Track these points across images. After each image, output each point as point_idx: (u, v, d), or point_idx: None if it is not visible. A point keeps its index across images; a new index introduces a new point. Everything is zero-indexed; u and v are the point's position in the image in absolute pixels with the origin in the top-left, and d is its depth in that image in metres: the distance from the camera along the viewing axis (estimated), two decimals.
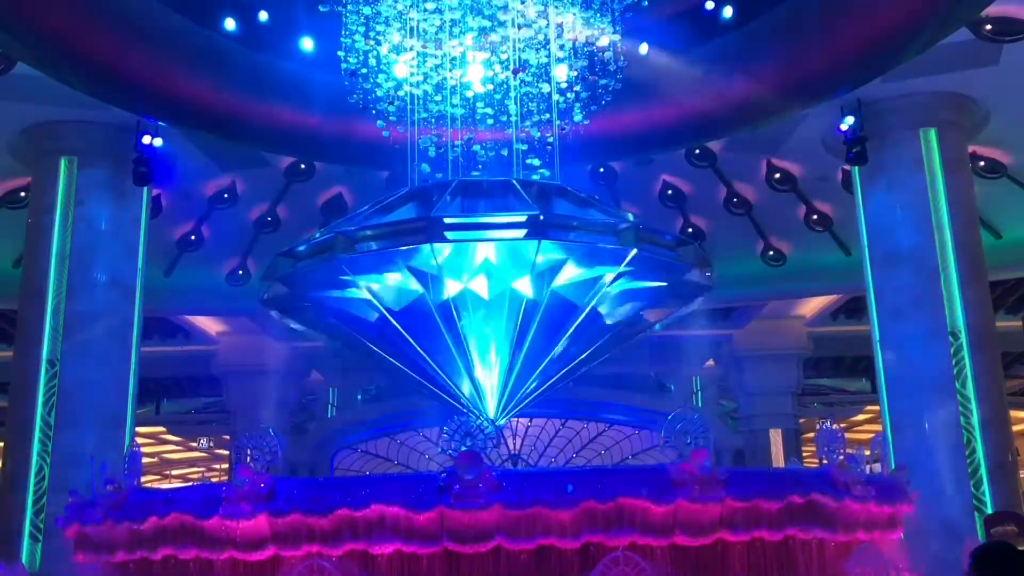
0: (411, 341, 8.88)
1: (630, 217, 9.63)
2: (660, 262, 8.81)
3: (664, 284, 9.28)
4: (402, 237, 8.32)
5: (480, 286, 8.79)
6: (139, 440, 14.78)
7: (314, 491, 6.14)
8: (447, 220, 8.19)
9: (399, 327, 8.80)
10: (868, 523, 6.75)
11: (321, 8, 9.64)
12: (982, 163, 14.92)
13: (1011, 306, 20.77)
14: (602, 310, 9.10)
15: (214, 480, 26.90)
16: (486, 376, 9.07)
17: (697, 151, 15.27)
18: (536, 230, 8.05)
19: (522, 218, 8.16)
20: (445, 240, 8.12)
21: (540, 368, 9.18)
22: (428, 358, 9.18)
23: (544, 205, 8.62)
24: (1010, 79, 12.75)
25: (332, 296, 9.12)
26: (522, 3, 9.28)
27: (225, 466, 26.23)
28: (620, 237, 8.38)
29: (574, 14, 9.34)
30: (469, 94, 9.64)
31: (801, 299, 21.04)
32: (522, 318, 8.88)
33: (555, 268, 8.58)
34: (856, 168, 13.75)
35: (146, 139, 13.16)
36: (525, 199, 8.60)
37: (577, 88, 9.57)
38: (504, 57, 9.47)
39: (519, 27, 9.36)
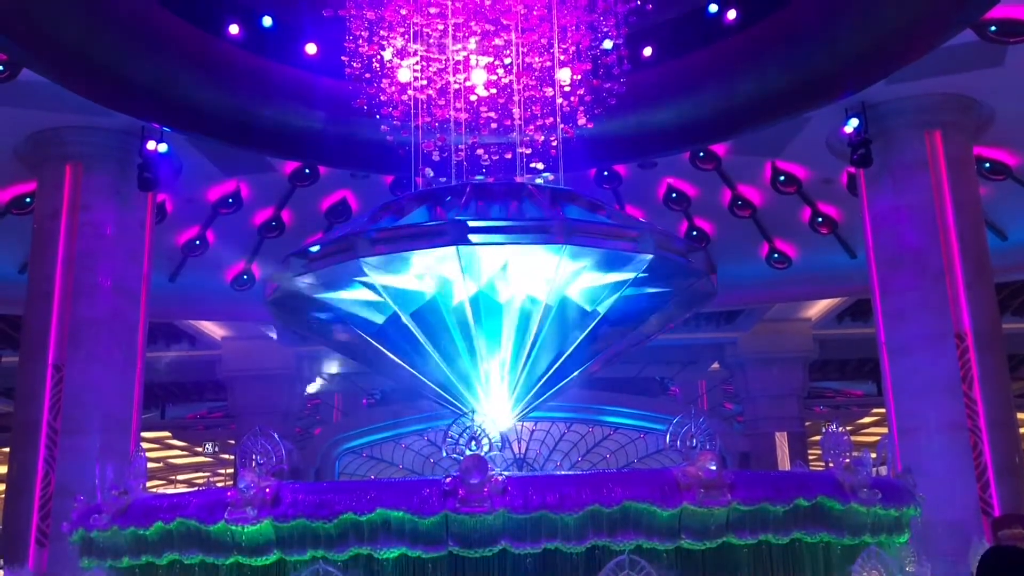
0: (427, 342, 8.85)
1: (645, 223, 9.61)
2: (670, 268, 8.80)
3: (668, 290, 9.26)
4: (426, 240, 8.27)
5: (487, 290, 8.79)
6: (144, 445, 14.77)
7: (319, 495, 6.13)
8: (471, 223, 8.14)
9: (415, 329, 8.76)
10: (875, 526, 6.73)
11: (325, 13, 9.65)
12: (987, 164, 14.89)
13: (1017, 308, 20.71)
14: (600, 309, 9.08)
15: (219, 485, 26.92)
16: (491, 380, 9.06)
17: (701, 154, 15.27)
18: (563, 235, 8.03)
19: (549, 223, 8.15)
20: (469, 243, 8.08)
21: (547, 371, 9.17)
22: (434, 360, 9.18)
23: (557, 210, 8.60)
24: (1014, 80, 12.72)
25: (336, 299, 9.10)
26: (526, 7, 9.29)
27: (230, 471, 26.24)
28: (639, 243, 8.38)
29: (578, 17, 9.34)
30: (473, 98, 9.64)
31: (806, 302, 21.00)
32: (528, 322, 8.87)
33: (574, 273, 8.57)
34: (861, 170, 13.73)
35: (151, 144, 13.19)
36: (540, 204, 8.59)
37: (581, 92, 9.56)
38: (508, 58, 9.47)
39: (523, 31, 9.37)
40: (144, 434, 17.17)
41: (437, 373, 9.22)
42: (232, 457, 24.45)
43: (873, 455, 7.11)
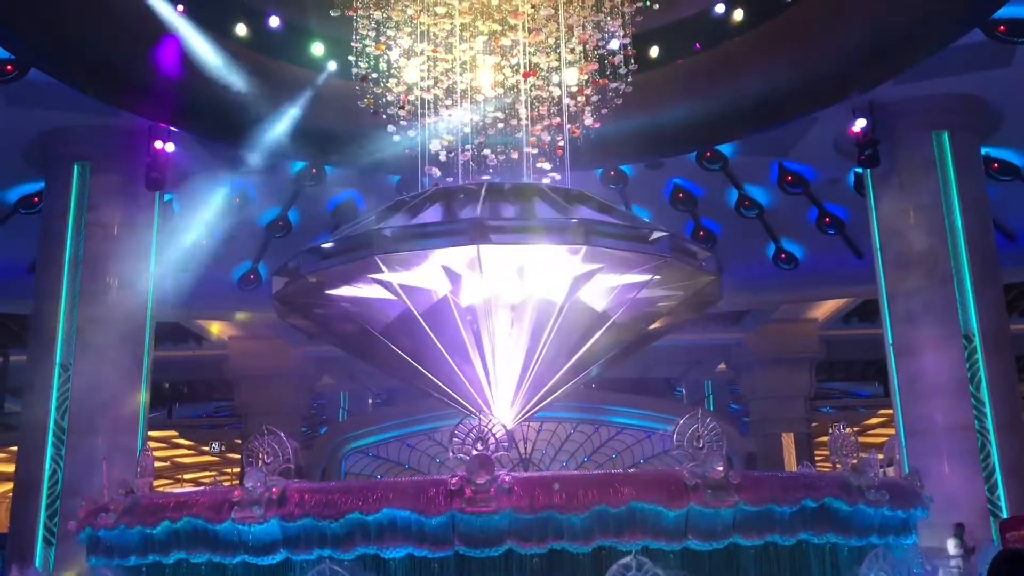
0: (436, 341, 8.82)
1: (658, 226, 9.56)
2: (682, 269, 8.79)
3: (680, 292, 9.25)
4: (445, 239, 8.25)
5: (494, 290, 8.78)
6: (151, 444, 14.81)
7: (325, 495, 6.13)
8: (491, 223, 8.11)
9: (427, 327, 8.73)
10: (882, 527, 6.71)
11: (332, 13, 9.65)
12: (995, 165, 14.85)
13: None
14: (612, 312, 9.07)
15: (226, 484, 26.92)
16: (498, 380, 9.05)
17: (708, 154, 15.24)
18: (583, 237, 8.03)
19: (571, 225, 8.13)
20: (490, 242, 8.05)
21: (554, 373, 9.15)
22: (441, 360, 9.17)
23: (570, 211, 8.59)
24: (1023, 81, 12.67)
25: (346, 297, 9.08)
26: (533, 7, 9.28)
27: (237, 470, 26.27)
28: (656, 246, 8.37)
29: (585, 17, 9.32)
30: (479, 97, 9.63)
31: (813, 302, 20.95)
32: (535, 322, 8.86)
33: (587, 275, 8.55)
34: (868, 171, 13.69)
35: (158, 144, 13.21)
36: (554, 204, 8.58)
37: (588, 91, 9.55)
38: (514, 60, 9.46)
39: (529, 31, 9.35)
40: (151, 433, 17.19)
41: (444, 373, 9.20)
42: (239, 456, 24.45)
43: (880, 456, 7.09)
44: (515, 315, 8.92)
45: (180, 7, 11.70)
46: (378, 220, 8.89)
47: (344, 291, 9.01)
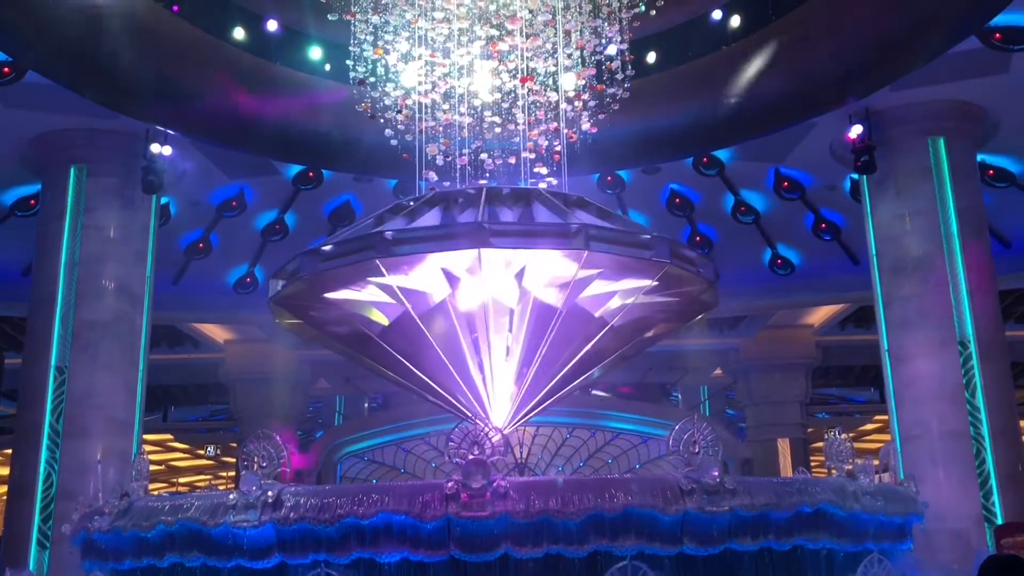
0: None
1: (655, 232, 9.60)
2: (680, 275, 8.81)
3: (675, 299, 9.26)
4: (448, 242, 8.25)
5: (489, 294, 8.78)
6: (146, 447, 14.80)
7: (321, 499, 6.13)
8: (493, 227, 8.12)
9: (427, 331, 8.72)
10: (877, 533, 6.72)
11: (330, 17, 9.66)
12: (991, 171, 14.89)
13: (1021, 315, 20.66)
14: (610, 318, 9.08)
15: (221, 488, 26.88)
16: (493, 384, 9.05)
17: (705, 159, 15.27)
18: (583, 241, 8.03)
19: (571, 229, 8.13)
20: (491, 246, 8.06)
21: (549, 378, 9.16)
22: (435, 365, 9.17)
23: (569, 216, 8.61)
24: (1019, 87, 12.72)
25: (343, 300, 9.07)
26: (531, 12, 9.29)
27: (232, 473, 26.24)
28: (655, 252, 8.37)
29: (582, 23, 9.34)
30: (477, 101, 9.65)
31: (809, 308, 20.98)
32: (531, 327, 8.87)
33: (584, 280, 8.56)
34: (864, 177, 13.72)
35: (155, 147, 13.21)
36: (554, 209, 8.59)
37: (586, 96, 9.57)
38: (512, 65, 9.48)
39: (527, 36, 9.37)
40: (146, 436, 17.17)
41: (440, 377, 9.20)
42: (234, 460, 24.44)
43: (875, 462, 7.10)
44: (515, 319, 8.93)
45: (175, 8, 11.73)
46: (375, 224, 8.88)
47: (341, 296, 8.99)
